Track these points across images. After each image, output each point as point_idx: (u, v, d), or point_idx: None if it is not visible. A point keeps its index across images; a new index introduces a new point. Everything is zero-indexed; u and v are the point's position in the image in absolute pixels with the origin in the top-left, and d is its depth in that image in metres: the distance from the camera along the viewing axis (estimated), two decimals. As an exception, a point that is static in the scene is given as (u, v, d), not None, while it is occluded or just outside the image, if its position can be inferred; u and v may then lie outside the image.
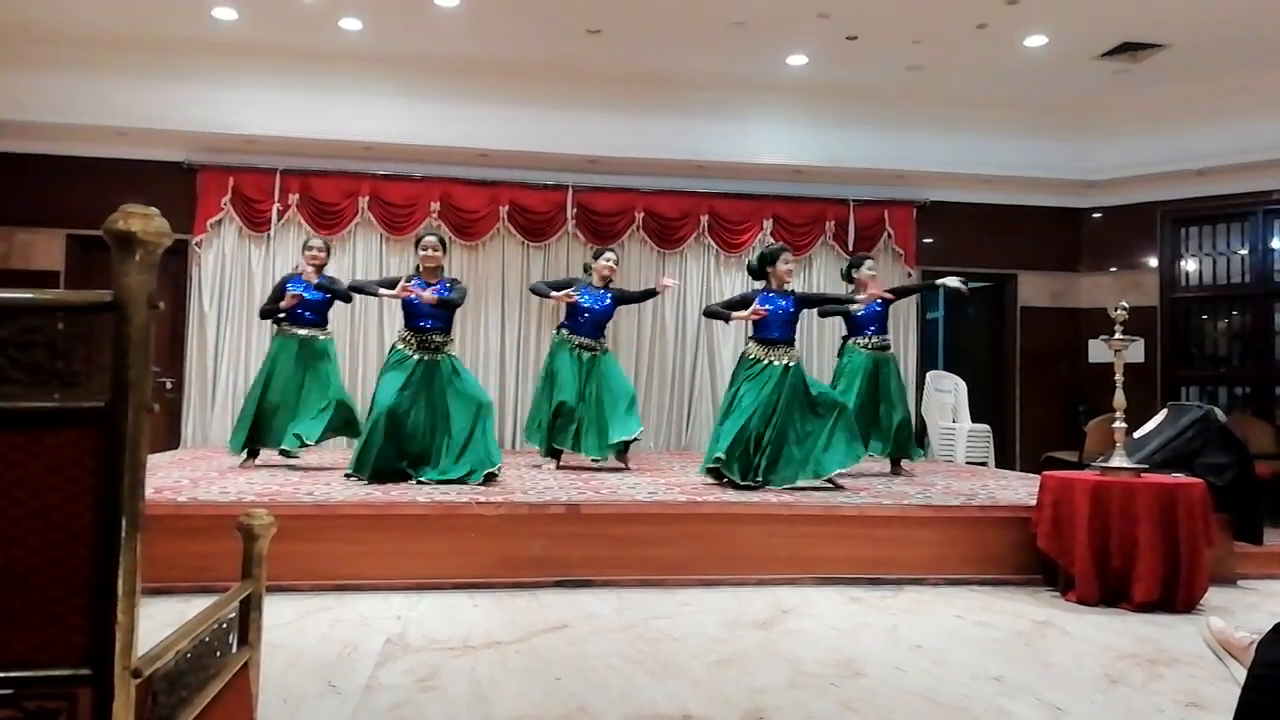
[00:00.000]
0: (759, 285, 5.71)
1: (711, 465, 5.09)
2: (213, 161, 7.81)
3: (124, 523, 1.05)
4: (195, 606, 1.54)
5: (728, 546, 4.16)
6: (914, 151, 8.31)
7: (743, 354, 5.55)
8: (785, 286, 5.51)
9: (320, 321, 5.99)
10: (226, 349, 7.77)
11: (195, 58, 7.40)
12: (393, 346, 5.44)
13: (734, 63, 7.57)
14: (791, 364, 5.29)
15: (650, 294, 6.30)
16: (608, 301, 6.17)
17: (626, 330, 8.28)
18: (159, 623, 2.44)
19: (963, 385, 8.36)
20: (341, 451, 6.60)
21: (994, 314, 9.23)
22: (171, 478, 4.93)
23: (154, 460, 5.82)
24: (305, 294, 5.85)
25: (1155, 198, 8.39)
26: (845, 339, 6.44)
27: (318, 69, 7.56)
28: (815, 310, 6.58)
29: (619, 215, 8.28)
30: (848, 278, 6.59)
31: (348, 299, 6.12)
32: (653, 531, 4.14)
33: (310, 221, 7.89)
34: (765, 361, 5.29)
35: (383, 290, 5.41)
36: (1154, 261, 8.48)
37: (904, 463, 6.40)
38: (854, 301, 6.07)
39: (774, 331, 5.36)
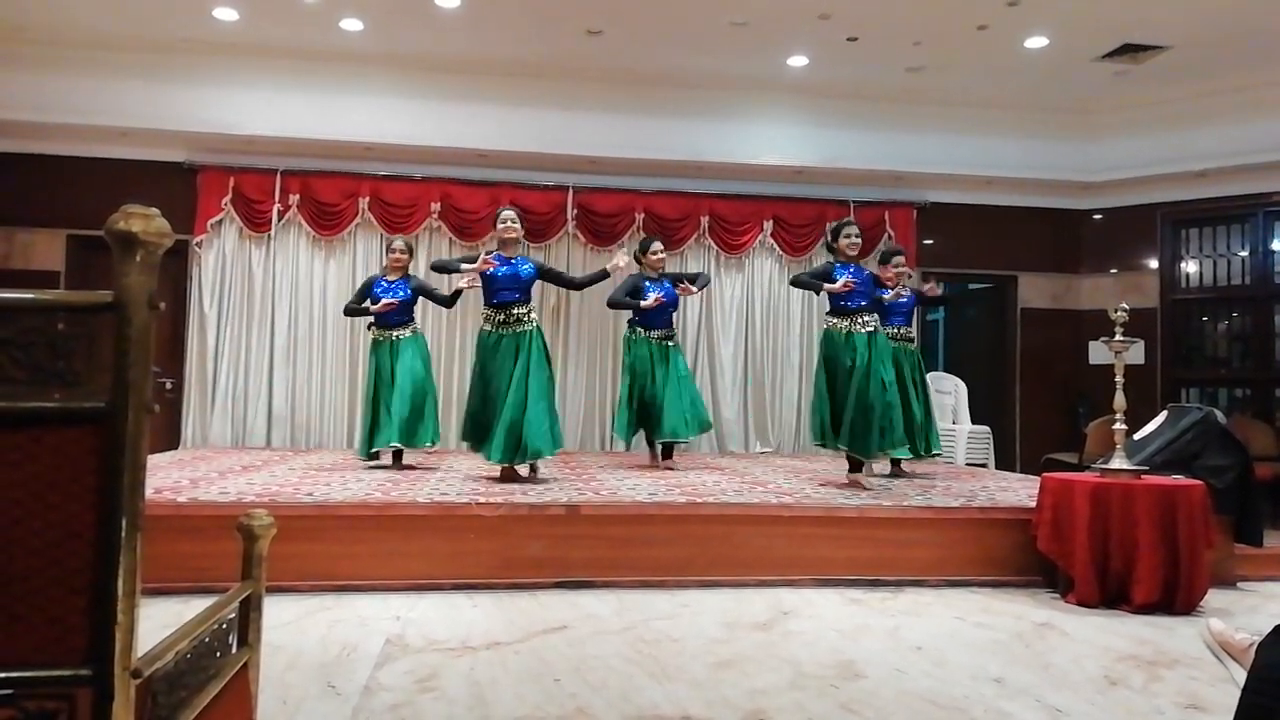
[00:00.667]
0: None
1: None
2: (213, 162, 7.82)
3: (124, 523, 1.04)
4: (194, 607, 1.54)
5: (728, 548, 4.16)
6: (914, 153, 8.31)
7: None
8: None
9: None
10: (227, 349, 7.77)
11: (196, 58, 7.41)
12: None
13: (734, 63, 7.58)
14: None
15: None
16: (667, 288, 6.29)
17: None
18: (158, 623, 2.44)
19: (963, 387, 8.37)
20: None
21: (994, 315, 9.24)
22: (171, 478, 4.93)
23: (154, 460, 5.82)
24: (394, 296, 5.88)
25: (1155, 199, 8.39)
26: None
27: (318, 69, 7.56)
28: None
29: (619, 216, 8.28)
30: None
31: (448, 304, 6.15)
32: (653, 532, 4.14)
33: (310, 222, 7.90)
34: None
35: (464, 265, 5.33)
36: (1154, 263, 8.48)
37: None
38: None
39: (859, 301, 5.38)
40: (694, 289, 6.36)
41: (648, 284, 6.30)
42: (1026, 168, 8.45)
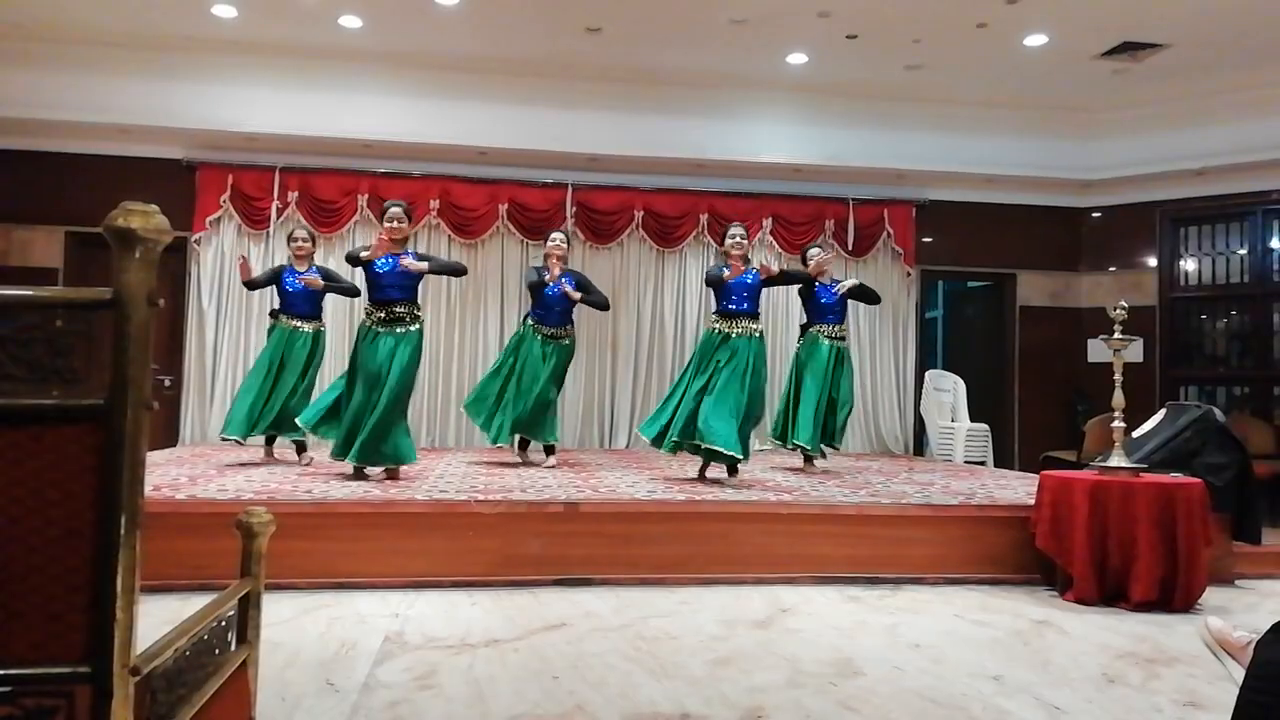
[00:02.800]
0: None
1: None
2: (212, 159, 7.81)
3: (123, 520, 1.04)
4: (193, 604, 1.54)
5: (726, 545, 4.16)
6: (913, 150, 8.31)
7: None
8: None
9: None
10: (225, 346, 7.77)
11: (195, 55, 7.40)
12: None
13: (734, 61, 7.57)
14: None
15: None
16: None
17: (626, 329, 8.29)
18: (157, 620, 2.44)
19: (961, 384, 8.37)
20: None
21: (993, 313, 9.24)
22: (170, 475, 4.92)
23: (152, 458, 5.82)
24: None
25: (1155, 197, 8.39)
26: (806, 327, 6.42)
27: (317, 66, 7.55)
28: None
29: (618, 213, 8.28)
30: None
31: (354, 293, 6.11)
32: (651, 530, 4.14)
33: (309, 219, 7.89)
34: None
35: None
36: (1153, 261, 8.48)
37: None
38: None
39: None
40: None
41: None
42: (1026, 166, 8.45)
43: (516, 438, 6.18)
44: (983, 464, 7.91)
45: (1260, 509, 4.73)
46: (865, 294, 6.33)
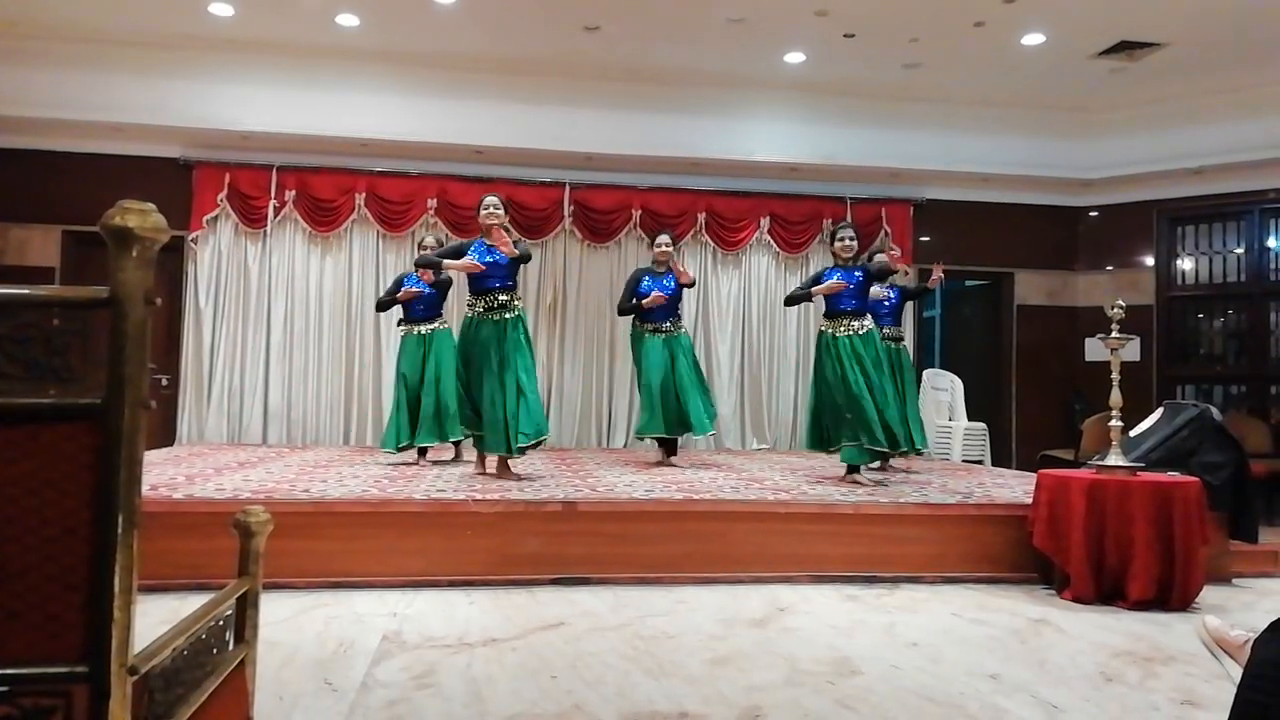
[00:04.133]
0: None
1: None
2: (209, 158, 7.80)
3: (120, 519, 1.04)
4: (190, 604, 1.54)
5: (724, 544, 4.16)
6: (911, 149, 8.32)
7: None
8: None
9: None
10: (222, 346, 7.76)
11: (192, 53, 7.39)
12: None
13: (732, 60, 7.57)
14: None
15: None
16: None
17: (625, 329, 8.27)
18: (154, 620, 2.44)
19: (959, 383, 8.38)
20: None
21: (990, 312, 9.25)
22: (167, 474, 4.92)
23: (149, 457, 5.81)
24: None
25: (1151, 196, 8.41)
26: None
27: (314, 65, 7.55)
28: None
29: (616, 212, 8.28)
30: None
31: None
32: (649, 529, 4.14)
33: (306, 218, 7.89)
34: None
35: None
36: (1150, 260, 8.49)
37: None
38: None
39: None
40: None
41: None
42: (1023, 165, 8.46)
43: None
44: (980, 463, 7.92)
45: (1257, 508, 4.74)
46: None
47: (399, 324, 6.18)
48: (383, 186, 8.00)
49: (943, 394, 8.47)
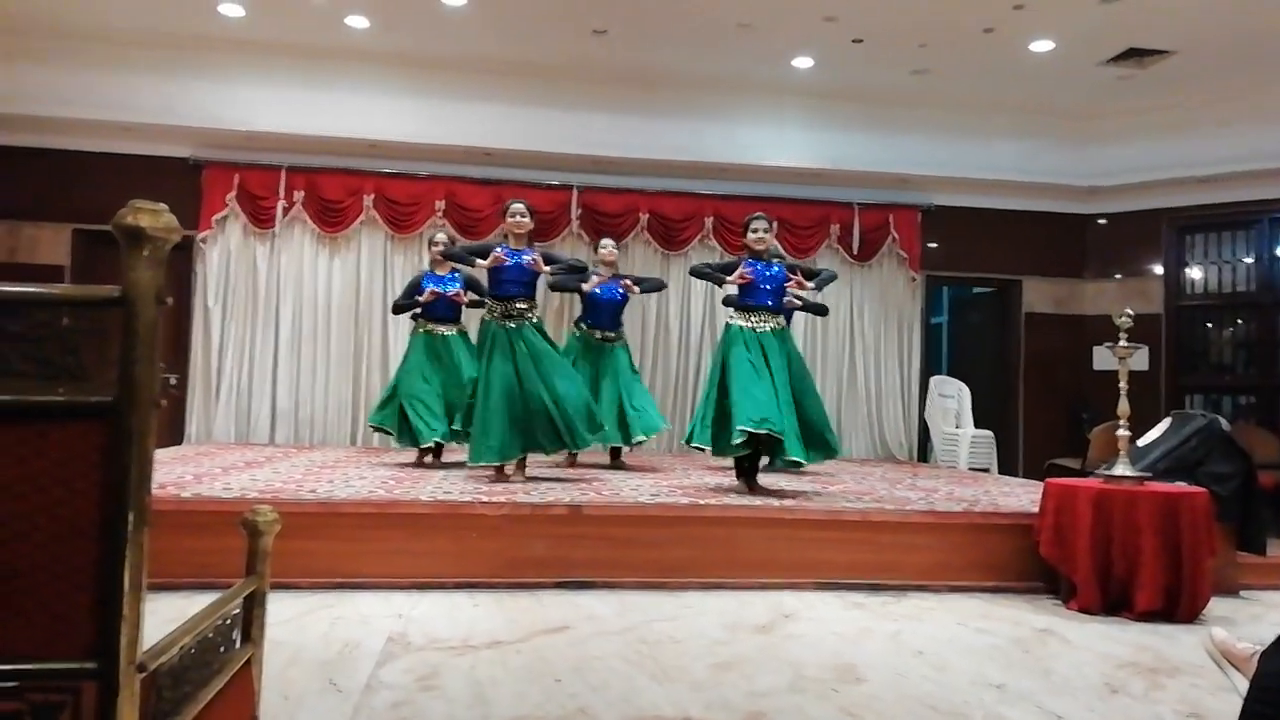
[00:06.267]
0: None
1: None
2: (218, 158, 7.83)
3: (131, 518, 1.04)
4: (197, 602, 1.54)
5: (729, 550, 4.16)
6: (919, 155, 8.31)
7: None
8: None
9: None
10: (231, 346, 7.78)
11: (202, 54, 7.43)
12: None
13: (740, 64, 7.58)
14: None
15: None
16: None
17: (630, 332, 8.26)
18: (161, 618, 2.43)
19: (966, 390, 8.36)
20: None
21: (998, 319, 9.23)
22: (175, 473, 4.93)
23: (157, 456, 5.76)
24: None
25: (1160, 204, 8.37)
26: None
27: (324, 66, 7.58)
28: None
29: (624, 216, 8.28)
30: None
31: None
32: (655, 534, 4.14)
33: (315, 219, 7.92)
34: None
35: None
36: (1159, 269, 8.46)
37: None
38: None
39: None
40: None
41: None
42: (1031, 171, 8.45)
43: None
44: (987, 471, 7.90)
45: (1265, 519, 4.70)
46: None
47: (413, 318, 6.12)
48: (391, 188, 8.02)
49: (950, 401, 8.45)
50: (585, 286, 6.11)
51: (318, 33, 7.18)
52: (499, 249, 5.07)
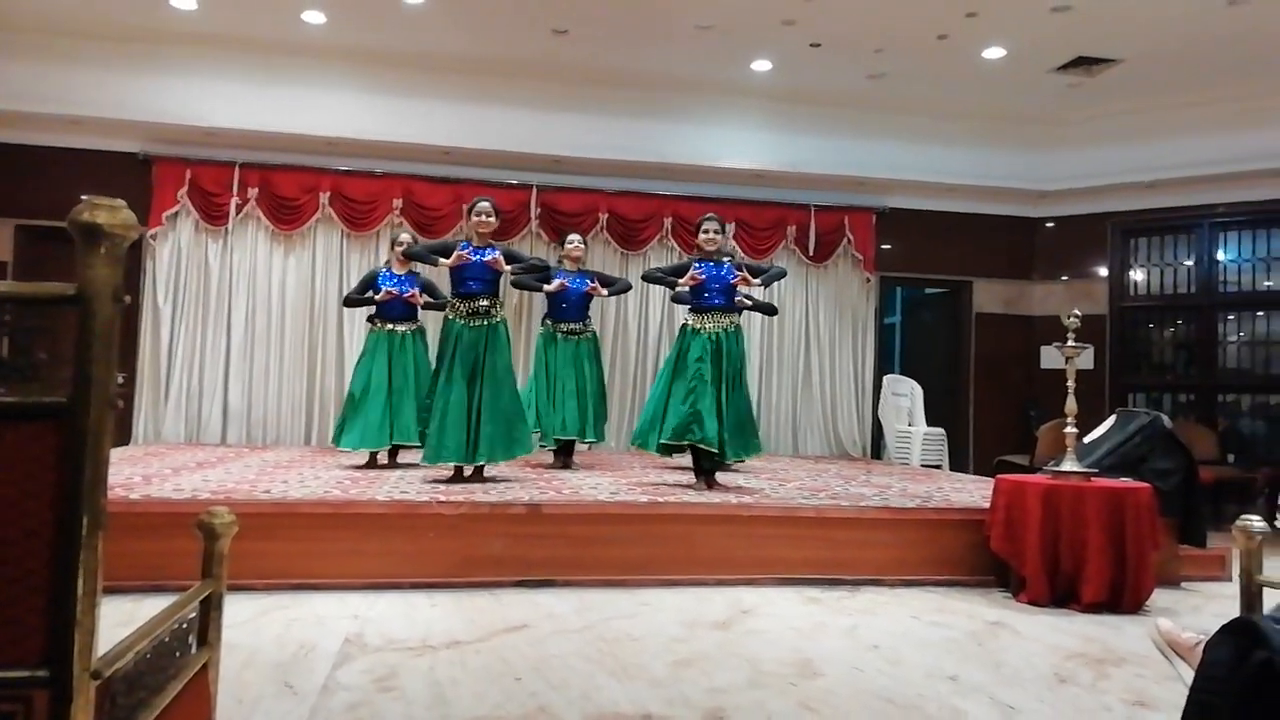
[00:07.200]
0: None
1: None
2: (169, 153, 7.66)
3: (85, 521, 1.03)
4: (146, 606, 1.52)
5: (688, 547, 4.18)
6: (874, 158, 8.43)
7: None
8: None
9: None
10: (181, 344, 7.62)
11: (153, 47, 7.26)
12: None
13: (699, 66, 7.62)
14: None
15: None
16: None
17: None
18: (110, 622, 2.38)
19: (918, 389, 8.50)
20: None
21: (949, 320, 9.40)
22: (123, 474, 4.82)
23: (103, 457, 5.68)
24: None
25: (1106, 209, 8.60)
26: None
27: (279, 61, 7.45)
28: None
29: (583, 215, 8.27)
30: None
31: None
32: (614, 532, 4.15)
33: (270, 217, 7.78)
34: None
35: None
36: (1104, 271, 8.69)
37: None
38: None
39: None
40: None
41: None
42: (983, 175, 8.62)
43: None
44: (939, 467, 8.04)
45: (1205, 513, 4.87)
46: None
47: (369, 320, 6.06)
48: (348, 186, 7.92)
49: (902, 399, 8.58)
50: (548, 288, 6.12)
51: (273, 27, 7.06)
52: (462, 247, 5.03)
